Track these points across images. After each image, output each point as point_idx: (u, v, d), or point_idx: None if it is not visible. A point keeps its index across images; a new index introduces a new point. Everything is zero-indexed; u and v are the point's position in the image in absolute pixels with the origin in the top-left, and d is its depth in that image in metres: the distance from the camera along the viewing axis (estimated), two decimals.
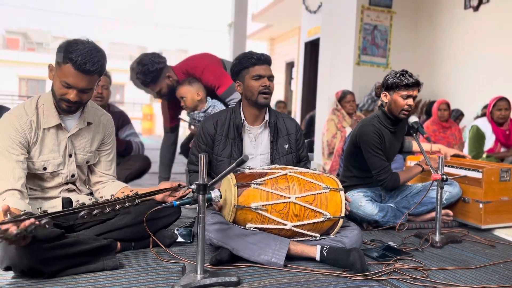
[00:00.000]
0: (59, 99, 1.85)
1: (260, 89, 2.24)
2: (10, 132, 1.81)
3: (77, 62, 1.75)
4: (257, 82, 2.25)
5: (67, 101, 1.84)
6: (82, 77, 1.79)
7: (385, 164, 2.66)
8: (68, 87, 1.81)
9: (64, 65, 1.78)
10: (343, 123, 4.64)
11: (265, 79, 2.25)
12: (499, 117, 3.82)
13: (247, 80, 2.27)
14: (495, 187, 2.76)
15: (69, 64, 1.76)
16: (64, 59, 1.77)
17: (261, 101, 2.27)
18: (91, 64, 1.78)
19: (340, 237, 2.04)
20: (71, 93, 1.82)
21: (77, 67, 1.76)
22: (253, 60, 2.25)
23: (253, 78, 2.25)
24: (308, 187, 1.98)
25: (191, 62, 3.18)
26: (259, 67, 2.26)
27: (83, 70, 1.77)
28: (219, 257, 1.85)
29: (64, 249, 1.63)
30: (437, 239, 2.36)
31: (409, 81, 2.58)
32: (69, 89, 1.81)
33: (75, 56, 1.75)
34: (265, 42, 13.54)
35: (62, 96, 1.84)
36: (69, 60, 1.76)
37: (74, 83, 1.79)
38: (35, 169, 1.90)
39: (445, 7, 5.46)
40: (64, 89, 1.81)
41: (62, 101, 1.85)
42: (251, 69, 2.26)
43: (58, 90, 1.83)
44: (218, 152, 2.30)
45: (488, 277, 1.91)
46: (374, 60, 5.47)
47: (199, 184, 1.60)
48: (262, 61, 2.26)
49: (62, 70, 1.79)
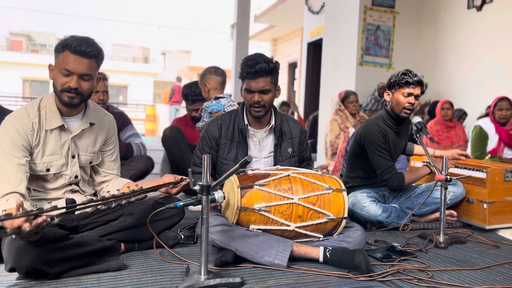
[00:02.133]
0: (61, 92, 1.86)
1: (251, 103, 2.21)
2: (12, 135, 1.82)
3: (72, 45, 1.82)
4: (248, 95, 2.20)
5: (68, 90, 1.85)
6: (80, 60, 1.83)
7: (389, 163, 2.65)
8: (68, 74, 1.84)
9: (62, 53, 1.84)
10: (346, 123, 4.63)
11: (255, 94, 2.17)
12: (500, 117, 3.84)
13: (243, 90, 2.24)
14: (500, 187, 2.75)
15: (67, 50, 1.83)
16: (62, 48, 1.84)
17: (252, 114, 2.24)
18: (87, 45, 1.84)
19: (343, 238, 2.03)
20: (71, 80, 1.85)
21: (73, 50, 1.82)
22: (244, 74, 2.17)
23: (245, 91, 2.21)
24: (311, 188, 1.98)
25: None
26: (250, 80, 2.17)
27: (79, 52, 1.82)
28: (223, 258, 1.85)
29: (68, 250, 1.64)
30: (441, 240, 2.35)
31: (411, 79, 2.58)
32: (69, 76, 1.85)
33: (70, 41, 1.83)
34: (268, 43, 13.56)
35: (63, 86, 1.85)
36: (66, 47, 1.83)
37: (73, 68, 1.83)
38: (38, 171, 1.91)
39: (448, 7, 5.44)
40: (64, 77, 1.85)
41: (64, 93, 1.86)
42: (245, 81, 2.20)
43: (59, 81, 1.86)
44: (224, 155, 2.29)
45: (493, 278, 1.90)
46: (377, 60, 5.46)
47: (203, 185, 1.60)
48: (252, 74, 2.14)
49: (60, 59, 1.84)
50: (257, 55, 2.21)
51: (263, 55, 2.22)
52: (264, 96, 2.19)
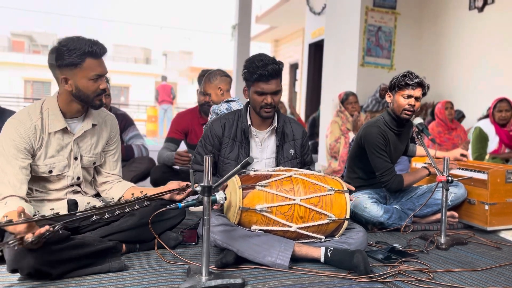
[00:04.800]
0: (95, 96, 1.90)
1: (262, 105, 2.20)
2: (14, 138, 1.83)
3: (94, 51, 1.84)
4: (259, 97, 2.19)
5: (102, 92, 1.91)
6: (101, 62, 1.89)
7: (389, 165, 2.65)
8: (97, 78, 1.88)
9: (83, 63, 1.83)
10: (347, 125, 4.63)
11: (267, 96, 2.18)
12: (500, 119, 3.85)
13: (251, 92, 2.22)
14: (501, 188, 2.75)
15: (89, 58, 1.83)
16: (80, 58, 1.82)
17: (263, 115, 2.24)
18: (99, 46, 1.87)
19: (345, 239, 2.04)
20: (101, 83, 1.89)
21: (98, 53, 1.86)
22: (255, 76, 2.15)
23: (256, 93, 2.20)
24: (313, 189, 1.98)
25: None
26: (262, 83, 2.16)
27: (99, 54, 1.87)
28: (224, 260, 1.85)
29: (70, 251, 1.64)
30: (442, 241, 2.35)
31: (411, 81, 2.58)
32: (98, 80, 1.88)
33: (87, 47, 1.82)
34: (269, 43, 13.56)
35: (97, 91, 1.89)
36: (87, 55, 1.83)
37: (102, 71, 1.89)
38: (41, 172, 1.92)
39: (450, 8, 5.44)
40: (95, 83, 1.88)
41: (97, 97, 1.91)
42: (255, 84, 2.19)
43: (90, 88, 1.88)
44: (225, 154, 2.30)
45: (494, 279, 1.90)
46: (379, 61, 5.46)
47: (204, 186, 1.60)
48: (266, 77, 2.14)
49: (84, 68, 1.84)
50: (263, 56, 2.20)
51: (268, 56, 2.21)
52: (275, 97, 2.21)
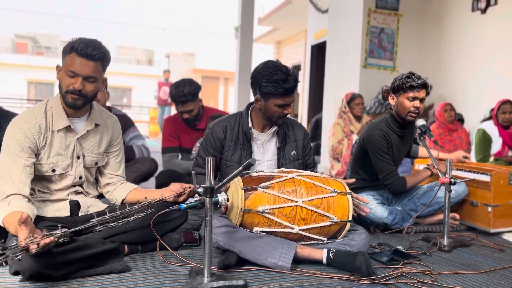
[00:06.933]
0: (65, 93, 1.90)
1: (282, 115, 2.22)
2: (19, 137, 1.84)
3: (79, 48, 1.85)
4: (280, 109, 2.20)
5: (72, 91, 1.88)
6: (85, 62, 1.86)
7: (391, 168, 2.65)
8: (73, 75, 1.87)
9: (68, 55, 1.87)
10: (350, 126, 4.62)
11: (287, 107, 2.21)
12: (504, 121, 3.84)
13: (270, 104, 2.18)
14: (504, 190, 2.74)
15: (73, 53, 1.86)
16: (69, 51, 1.87)
17: (279, 123, 2.27)
18: (92, 48, 1.87)
19: (347, 241, 2.03)
20: (75, 81, 1.87)
21: (79, 52, 1.85)
22: (281, 90, 2.12)
23: (277, 105, 2.18)
24: (315, 190, 1.98)
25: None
26: (286, 97, 2.16)
27: (85, 54, 1.85)
28: (226, 261, 1.85)
29: (72, 253, 1.64)
30: (445, 243, 2.34)
31: (415, 83, 2.57)
32: (74, 78, 1.87)
33: (76, 43, 1.86)
34: (272, 45, 13.57)
35: (68, 88, 1.88)
36: (72, 49, 1.86)
37: (79, 70, 1.86)
38: (44, 171, 1.93)
39: (453, 10, 5.43)
40: (70, 79, 1.87)
41: (68, 94, 1.89)
42: (278, 97, 2.15)
43: (64, 82, 1.89)
44: (228, 157, 2.30)
45: (497, 282, 1.90)
46: (381, 63, 5.45)
47: (206, 187, 1.60)
48: (291, 91, 2.16)
49: (66, 61, 1.87)
50: (280, 66, 2.16)
51: (282, 65, 2.19)
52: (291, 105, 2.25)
